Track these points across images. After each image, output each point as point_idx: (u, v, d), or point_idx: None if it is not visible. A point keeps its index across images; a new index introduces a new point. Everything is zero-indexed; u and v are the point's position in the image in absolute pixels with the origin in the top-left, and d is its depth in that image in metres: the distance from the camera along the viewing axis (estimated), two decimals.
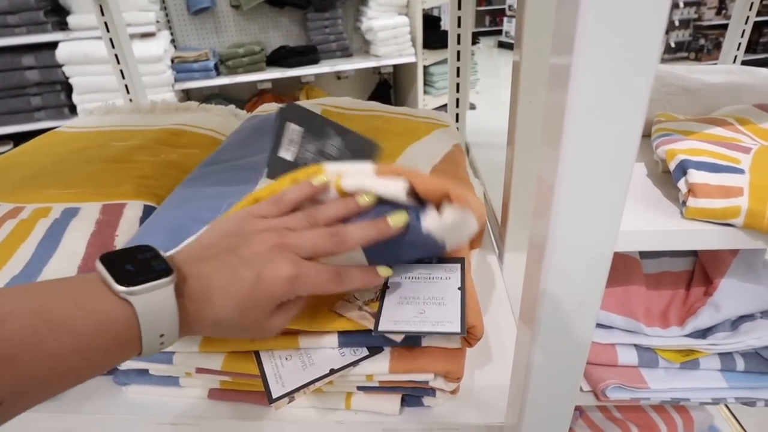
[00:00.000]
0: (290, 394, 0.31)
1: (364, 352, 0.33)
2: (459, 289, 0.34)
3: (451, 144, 0.57)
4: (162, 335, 0.25)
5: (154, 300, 0.24)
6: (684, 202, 0.53)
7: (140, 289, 0.24)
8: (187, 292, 0.26)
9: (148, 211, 0.47)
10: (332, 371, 0.33)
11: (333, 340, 0.34)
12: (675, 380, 0.59)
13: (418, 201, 0.32)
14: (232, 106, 0.81)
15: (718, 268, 0.63)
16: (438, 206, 0.31)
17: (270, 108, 0.70)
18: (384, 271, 0.32)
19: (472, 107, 1.59)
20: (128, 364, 0.38)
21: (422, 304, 0.33)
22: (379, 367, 0.33)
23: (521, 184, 0.59)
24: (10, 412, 0.21)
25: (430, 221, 0.31)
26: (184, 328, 0.26)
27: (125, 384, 0.39)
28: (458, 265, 0.36)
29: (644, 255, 0.69)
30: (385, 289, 0.34)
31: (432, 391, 0.34)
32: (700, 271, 0.67)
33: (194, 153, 0.60)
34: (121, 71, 1.03)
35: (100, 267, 0.25)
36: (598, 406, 0.67)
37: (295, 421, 0.36)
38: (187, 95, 2.29)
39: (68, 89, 1.92)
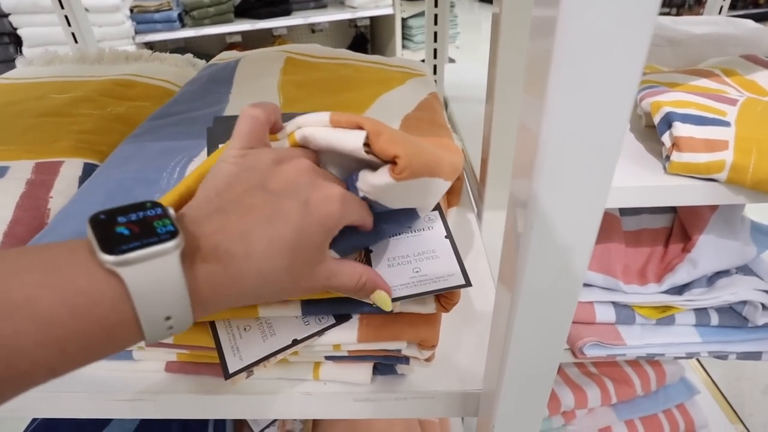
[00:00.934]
0: (248, 368, 0.29)
1: (331, 320, 0.31)
2: (446, 237, 0.31)
3: (426, 92, 0.53)
4: (168, 318, 0.20)
5: (153, 271, 0.19)
6: (668, 157, 0.51)
7: (133, 258, 0.18)
8: (207, 254, 0.21)
9: (88, 170, 0.42)
10: (295, 342, 0.30)
11: (296, 308, 0.31)
12: (651, 336, 0.59)
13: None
14: (190, 55, 0.74)
15: (697, 224, 0.63)
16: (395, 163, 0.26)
17: (230, 56, 0.64)
18: (385, 301, 0.28)
19: (452, 61, 1.53)
20: None
21: (414, 261, 0.30)
22: (347, 336, 0.30)
23: (501, 140, 0.56)
24: None
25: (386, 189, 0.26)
26: (200, 305, 0.21)
27: None
28: (436, 212, 0.33)
29: (624, 212, 0.68)
30: (368, 253, 0.31)
31: (405, 359, 0.32)
32: (679, 227, 0.66)
33: (145, 106, 0.55)
34: (66, 18, 0.93)
35: (88, 229, 0.19)
36: (575, 362, 0.68)
37: (259, 393, 0.34)
38: (150, 49, 2.13)
39: (17, 41, 1.76)
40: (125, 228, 0.19)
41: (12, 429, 0.86)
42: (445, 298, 0.30)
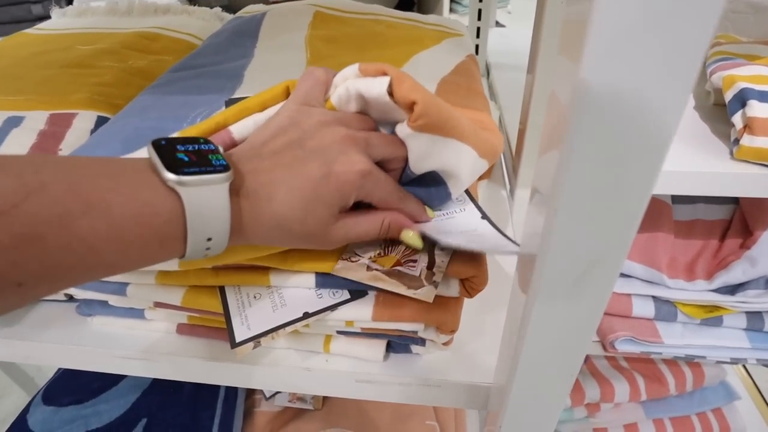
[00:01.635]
0: (255, 339, 0.27)
1: (345, 295, 0.29)
2: (483, 218, 0.30)
3: (463, 54, 0.49)
4: (209, 239, 0.22)
5: (206, 196, 0.21)
6: (736, 140, 0.46)
7: (193, 181, 0.21)
8: (244, 190, 0.24)
9: (101, 123, 0.40)
10: (306, 315, 0.28)
11: (310, 279, 0.29)
12: (693, 336, 0.55)
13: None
14: (218, 9, 0.72)
15: (761, 219, 0.57)
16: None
17: (257, 8, 0.61)
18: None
19: (500, 26, 1.45)
20: (90, 294, 0.34)
21: (462, 236, 0.28)
22: (362, 313, 0.29)
23: (541, 111, 0.52)
24: (29, 295, 0.19)
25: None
26: (236, 234, 0.23)
27: (89, 315, 0.36)
28: (465, 195, 0.32)
29: (677, 200, 0.63)
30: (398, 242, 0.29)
31: (421, 341, 0.30)
32: (739, 221, 0.61)
33: (167, 60, 0.53)
34: None
35: (151, 151, 0.22)
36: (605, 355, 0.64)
37: (264, 364, 0.33)
38: (194, 4, 2.12)
39: None
40: (185, 155, 0.22)
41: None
42: (470, 282, 0.27)
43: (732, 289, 0.55)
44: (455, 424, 0.61)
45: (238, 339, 0.27)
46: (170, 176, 0.21)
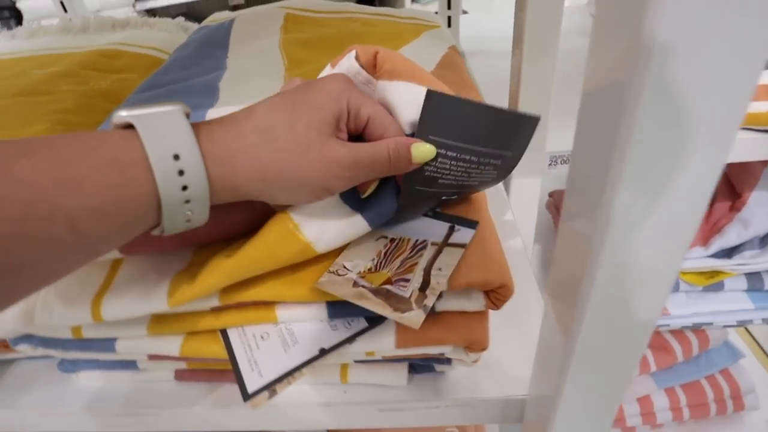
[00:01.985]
0: (271, 386, 0.24)
1: (362, 323, 0.25)
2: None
3: (445, 47, 0.45)
4: (177, 157, 0.19)
5: (158, 118, 0.20)
6: None
7: (143, 113, 0.19)
8: (210, 123, 0.22)
9: None
10: (323, 352, 0.25)
11: (321, 310, 0.26)
12: (697, 304, 0.54)
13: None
14: (181, 19, 0.66)
15: (747, 181, 0.56)
16: None
17: (222, 16, 0.56)
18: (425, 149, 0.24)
19: (464, 13, 1.42)
20: (75, 354, 0.29)
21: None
22: (383, 341, 0.25)
23: (531, 95, 0.48)
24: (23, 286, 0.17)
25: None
26: (213, 158, 0.21)
27: (73, 371, 0.31)
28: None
29: None
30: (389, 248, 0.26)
31: (447, 360, 0.27)
32: (724, 184, 0.59)
33: (132, 78, 0.48)
34: None
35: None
36: None
37: (283, 404, 0.29)
38: (153, 16, 2.02)
39: (18, 16, 1.66)
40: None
41: None
42: (495, 293, 0.24)
43: (728, 252, 0.54)
44: (474, 428, 0.58)
45: (250, 389, 0.24)
46: (120, 113, 0.19)
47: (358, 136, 0.24)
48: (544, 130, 0.44)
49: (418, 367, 0.29)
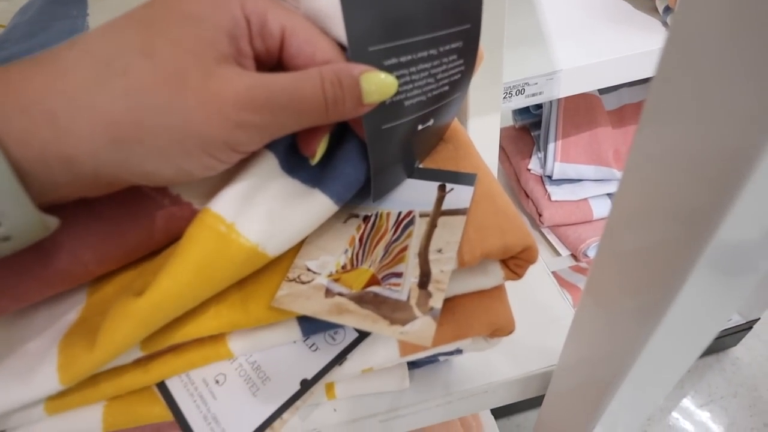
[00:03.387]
0: None
1: (350, 335, 0.19)
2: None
3: None
4: None
5: None
6: (668, 8, 0.42)
7: None
8: (23, 88, 0.13)
9: None
10: (305, 384, 0.18)
11: (291, 330, 0.19)
12: None
13: None
14: None
15: None
16: None
17: None
18: (381, 79, 0.16)
19: None
20: None
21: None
22: (383, 352, 0.19)
23: (484, 22, 0.43)
24: None
25: None
26: (36, 149, 0.13)
27: None
28: None
29: (602, 91, 0.59)
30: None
31: (458, 350, 0.22)
32: None
33: None
34: None
35: None
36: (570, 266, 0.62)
37: None
38: None
39: None
40: None
41: None
42: (517, 260, 0.19)
43: None
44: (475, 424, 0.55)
45: None
46: None
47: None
48: (499, 60, 0.39)
49: (419, 361, 0.24)
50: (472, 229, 0.18)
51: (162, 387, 0.19)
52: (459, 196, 0.20)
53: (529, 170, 0.57)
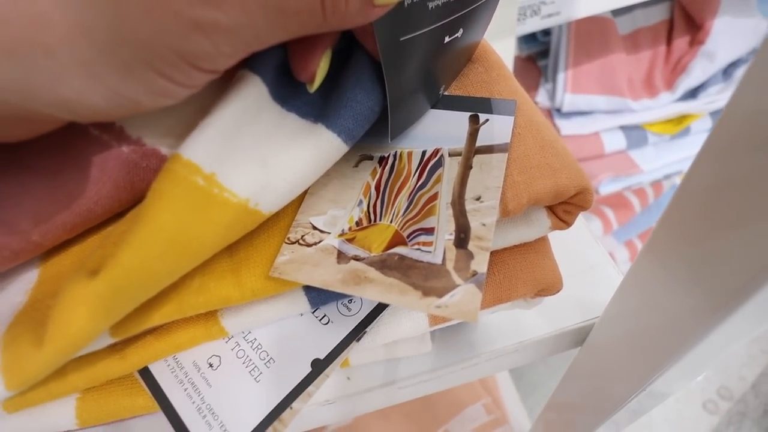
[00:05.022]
0: None
1: (368, 303, 0.16)
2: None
3: None
4: None
5: None
6: None
7: None
8: None
9: None
10: (317, 365, 0.15)
11: (298, 300, 0.15)
12: (667, 154, 0.50)
13: None
14: None
15: (707, 7, 0.50)
16: None
17: None
18: None
19: None
20: None
21: None
22: (409, 323, 0.16)
23: None
24: None
25: None
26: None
27: None
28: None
29: (616, 12, 0.53)
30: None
31: None
32: (681, 17, 0.53)
33: None
34: None
35: None
36: None
37: None
38: None
39: None
40: None
41: None
42: (568, 205, 0.15)
43: (693, 93, 0.50)
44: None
45: None
46: None
47: None
48: None
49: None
50: (515, 170, 0.15)
51: (145, 373, 0.15)
52: (496, 128, 0.15)
53: (537, 104, 0.52)
